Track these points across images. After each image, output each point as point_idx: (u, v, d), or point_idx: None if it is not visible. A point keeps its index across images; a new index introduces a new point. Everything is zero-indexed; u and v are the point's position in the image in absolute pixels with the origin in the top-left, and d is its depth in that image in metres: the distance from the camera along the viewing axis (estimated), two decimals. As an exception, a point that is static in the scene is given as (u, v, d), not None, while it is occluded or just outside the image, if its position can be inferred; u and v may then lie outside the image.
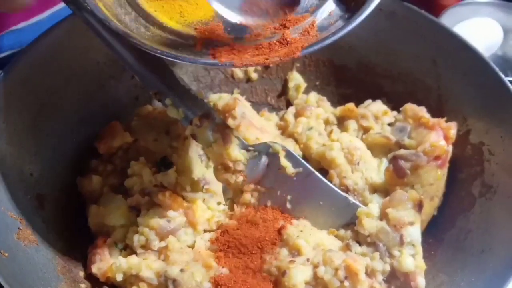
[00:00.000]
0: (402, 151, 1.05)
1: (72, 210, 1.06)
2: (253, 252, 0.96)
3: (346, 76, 1.25)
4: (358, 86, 1.24)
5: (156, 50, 0.83)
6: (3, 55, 1.34)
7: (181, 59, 0.84)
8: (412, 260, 0.94)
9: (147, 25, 0.88)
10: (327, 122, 1.16)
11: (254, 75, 1.29)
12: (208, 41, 0.85)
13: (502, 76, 1.06)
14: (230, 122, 1.08)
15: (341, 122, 1.16)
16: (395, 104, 1.16)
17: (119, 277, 0.94)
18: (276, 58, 0.82)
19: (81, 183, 1.08)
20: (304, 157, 1.09)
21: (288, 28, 0.85)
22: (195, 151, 1.07)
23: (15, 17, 1.35)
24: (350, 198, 1.03)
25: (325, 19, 0.87)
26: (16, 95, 1.01)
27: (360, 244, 0.98)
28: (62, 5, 1.04)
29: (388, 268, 0.94)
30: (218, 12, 0.87)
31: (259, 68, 1.28)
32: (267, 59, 0.81)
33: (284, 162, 1.02)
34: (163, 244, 0.97)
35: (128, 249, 1.00)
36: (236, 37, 0.85)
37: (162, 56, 0.84)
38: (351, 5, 0.86)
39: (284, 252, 0.96)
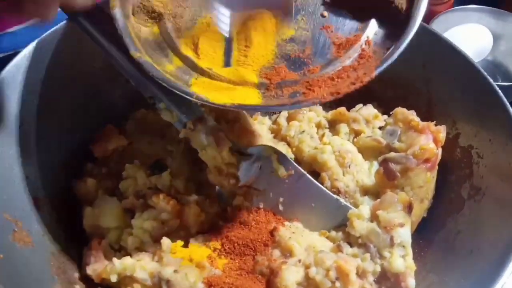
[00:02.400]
0: (392, 154, 1.06)
1: (67, 212, 1.07)
2: (246, 253, 0.97)
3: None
4: (350, 90, 1.25)
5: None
6: (-2, 57, 1.36)
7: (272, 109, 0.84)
8: (402, 261, 0.96)
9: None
10: (319, 126, 1.17)
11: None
12: (279, 83, 0.87)
13: (491, 80, 1.07)
14: (224, 125, 1.09)
15: (333, 125, 1.17)
16: (385, 108, 1.17)
17: (113, 278, 0.95)
18: (358, 83, 0.85)
19: (76, 186, 1.08)
20: (296, 160, 1.10)
21: (343, 53, 0.88)
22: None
23: (10, 20, 1.36)
24: (342, 200, 1.04)
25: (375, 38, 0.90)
26: (12, 99, 1.01)
27: (351, 245, 0.99)
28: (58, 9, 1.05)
29: (378, 268, 0.96)
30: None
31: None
32: (353, 84, 0.84)
33: (276, 165, 1.03)
34: (157, 245, 0.97)
35: (122, 251, 1.01)
36: (300, 73, 0.88)
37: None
38: (396, 23, 0.88)
39: (276, 253, 0.97)
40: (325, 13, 0.94)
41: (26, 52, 1.04)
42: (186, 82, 0.88)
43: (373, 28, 0.91)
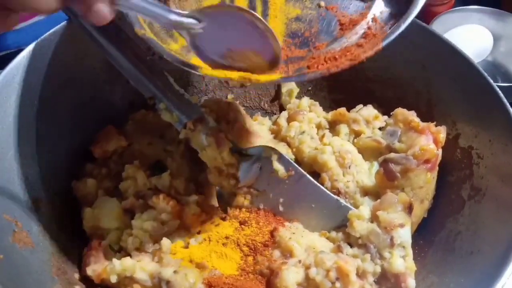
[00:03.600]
0: (392, 155, 1.06)
1: (67, 213, 1.07)
2: (246, 253, 0.97)
3: (337, 81, 1.27)
4: (350, 91, 1.25)
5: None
6: (0, 54, 1.36)
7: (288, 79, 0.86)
8: (402, 261, 0.96)
9: None
10: (319, 127, 1.17)
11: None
12: (285, 61, 0.87)
13: (491, 81, 1.06)
14: (224, 126, 1.09)
15: (333, 126, 1.17)
16: (385, 109, 1.17)
17: (113, 279, 0.95)
18: (363, 55, 0.84)
19: (76, 187, 1.09)
20: (296, 161, 1.10)
21: (351, 28, 0.88)
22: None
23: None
24: (342, 200, 1.04)
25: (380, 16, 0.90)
26: (12, 100, 1.01)
27: (351, 246, 0.99)
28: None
29: (378, 269, 0.95)
30: None
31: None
32: (354, 58, 0.84)
33: (276, 165, 1.03)
34: (157, 246, 0.98)
35: (122, 251, 1.01)
36: (307, 50, 0.87)
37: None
38: (400, 1, 0.89)
39: (276, 253, 0.97)
40: None
41: (26, 52, 1.04)
42: (190, 59, 0.87)
43: (379, 7, 0.91)
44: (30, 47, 1.04)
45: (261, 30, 0.79)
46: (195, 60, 0.86)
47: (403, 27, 0.85)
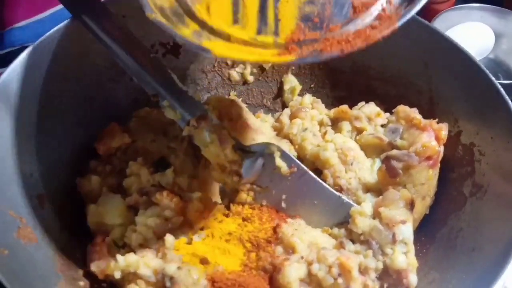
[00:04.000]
0: (394, 152, 1.06)
1: (71, 210, 1.07)
2: (249, 249, 0.98)
3: (340, 78, 1.27)
4: (352, 88, 1.26)
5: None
6: (4, 51, 1.36)
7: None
8: (404, 257, 0.96)
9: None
10: (321, 124, 1.18)
11: (250, 78, 1.31)
12: (299, 43, 0.86)
13: (493, 78, 1.07)
14: (227, 123, 1.10)
15: (335, 123, 1.17)
16: (388, 106, 1.17)
17: (117, 275, 0.95)
18: (379, 34, 0.83)
19: (80, 183, 1.09)
20: (298, 158, 1.10)
21: (365, 10, 0.87)
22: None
23: (16, 15, 1.37)
24: (344, 197, 1.04)
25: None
26: (16, 97, 1.02)
27: (353, 242, 0.99)
28: (63, 5, 1.06)
29: (381, 265, 0.96)
30: None
31: (255, 70, 1.30)
32: (369, 38, 0.83)
33: (279, 162, 1.04)
34: (160, 242, 0.98)
35: (126, 248, 1.01)
36: (321, 32, 0.86)
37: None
38: None
39: (279, 250, 0.97)
40: None
41: (30, 50, 1.04)
42: (201, 43, 0.87)
43: None
44: (34, 44, 1.04)
45: None
46: (206, 43, 0.86)
47: (418, 6, 0.83)
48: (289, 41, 0.85)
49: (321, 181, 1.05)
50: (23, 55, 1.03)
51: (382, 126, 1.15)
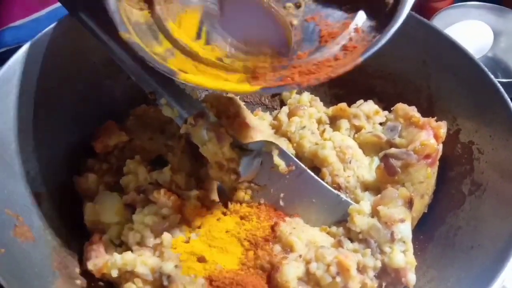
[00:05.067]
0: (393, 150, 1.06)
1: (68, 208, 1.07)
2: (247, 248, 0.98)
3: (338, 76, 1.26)
4: (350, 86, 1.25)
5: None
6: (0, 51, 1.36)
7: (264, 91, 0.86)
8: (402, 256, 0.96)
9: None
10: (319, 122, 1.17)
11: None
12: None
13: (492, 76, 1.07)
14: (224, 121, 1.09)
15: (334, 121, 1.17)
16: (386, 104, 1.17)
17: (114, 273, 0.95)
18: (342, 69, 0.84)
19: (78, 181, 1.09)
20: (297, 156, 1.10)
21: (334, 38, 0.88)
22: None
23: (12, 14, 1.37)
24: (342, 195, 1.04)
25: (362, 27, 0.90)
26: (13, 94, 1.01)
27: (351, 240, 0.99)
28: (59, 3, 1.05)
29: (379, 264, 0.96)
30: None
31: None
32: (331, 73, 0.84)
33: (277, 160, 1.03)
34: (158, 240, 0.98)
35: (123, 246, 1.01)
36: (288, 58, 0.88)
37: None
38: (382, 15, 0.89)
39: (277, 248, 0.97)
40: (314, 4, 0.94)
41: (27, 47, 1.03)
42: (169, 65, 0.88)
43: (361, 18, 0.91)
44: (30, 42, 1.04)
45: (274, 16, 0.79)
46: (172, 65, 0.87)
47: (383, 41, 0.85)
48: (257, 66, 0.86)
49: (319, 179, 1.05)
50: (20, 53, 1.03)
51: (381, 124, 1.15)
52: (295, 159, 1.05)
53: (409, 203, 0.99)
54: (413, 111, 1.10)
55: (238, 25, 0.85)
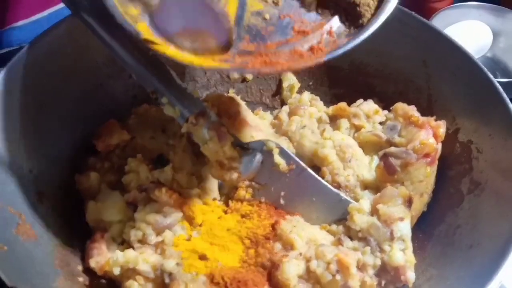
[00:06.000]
0: (392, 149, 1.06)
1: (70, 206, 1.08)
2: (248, 246, 0.98)
3: (338, 76, 1.28)
4: (350, 86, 1.26)
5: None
6: (1, 52, 1.36)
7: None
8: (402, 254, 0.96)
9: None
10: (320, 121, 1.18)
11: (249, 76, 1.31)
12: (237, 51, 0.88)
13: (491, 76, 1.07)
14: (225, 120, 1.10)
15: (334, 121, 1.17)
16: (386, 104, 1.18)
17: (116, 271, 0.95)
18: (302, 64, 0.85)
19: (79, 180, 1.09)
20: (297, 155, 1.10)
21: (305, 35, 0.89)
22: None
23: (15, 15, 1.37)
24: (342, 194, 1.05)
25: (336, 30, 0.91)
26: (16, 93, 1.02)
27: (351, 239, 1.00)
28: (62, 4, 1.06)
29: (378, 262, 0.96)
30: None
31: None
32: (292, 65, 0.86)
33: (278, 159, 1.04)
34: (159, 238, 0.98)
35: (125, 244, 1.01)
36: (258, 45, 0.88)
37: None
38: (355, 26, 0.89)
39: (277, 246, 0.97)
40: (294, 1, 0.95)
41: (29, 47, 1.04)
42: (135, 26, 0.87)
43: (336, 23, 0.91)
44: (32, 41, 1.05)
45: (216, 12, 0.81)
46: (142, 28, 0.87)
47: (348, 47, 0.85)
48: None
49: (319, 178, 1.05)
50: (22, 52, 1.03)
51: (381, 123, 1.15)
52: (296, 158, 1.06)
53: (409, 202, 1.00)
54: (412, 110, 1.11)
55: (175, 18, 0.86)
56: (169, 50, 0.86)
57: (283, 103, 1.30)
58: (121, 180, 1.08)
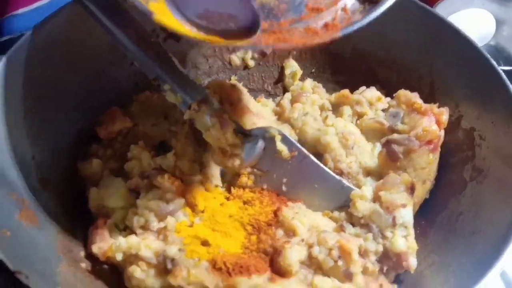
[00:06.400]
0: (395, 136, 1.07)
1: (73, 193, 1.08)
2: (250, 232, 0.98)
3: (341, 63, 1.27)
4: (353, 73, 1.26)
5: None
6: (2, 39, 1.36)
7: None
8: (404, 241, 0.97)
9: None
10: (322, 108, 1.18)
11: (251, 62, 1.31)
12: None
13: (494, 63, 1.07)
14: (227, 107, 1.09)
15: (336, 108, 1.17)
16: (388, 91, 1.18)
17: (118, 257, 0.96)
18: (317, 40, 0.85)
19: (82, 167, 1.09)
20: (299, 142, 1.10)
21: (319, 12, 0.88)
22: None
23: (16, 3, 1.37)
24: (344, 181, 1.05)
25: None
26: (18, 81, 1.02)
27: (353, 225, 1.00)
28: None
29: (380, 248, 0.97)
30: None
31: (256, 55, 1.30)
32: (308, 41, 0.85)
33: (280, 146, 1.04)
34: (162, 224, 0.98)
35: (127, 230, 1.02)
36: (271, 23, 0.87)
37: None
38: (369, 2, 0.89)
39: (279, 232, 0.98)
40: None
41: (31, 34, 1.04)
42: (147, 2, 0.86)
43: (350, 0, 0.91)
44: (33, 29, 1.04)
45: None
46: (154, 7, 0.84)
47: (364, 22, 0.85)
48: None
49: (321, 165, 1.06)
50: (23, 39, 1.03)
51: (383, 110, 1.15)
52: (298, 144, 1.06)
53: (411, 189, 1.00)
54: (415, 97, 1.11)
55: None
56: (183, 28, 0.84)
57: (285, 90, 1.30)
58: (124, 167, 1.08)
